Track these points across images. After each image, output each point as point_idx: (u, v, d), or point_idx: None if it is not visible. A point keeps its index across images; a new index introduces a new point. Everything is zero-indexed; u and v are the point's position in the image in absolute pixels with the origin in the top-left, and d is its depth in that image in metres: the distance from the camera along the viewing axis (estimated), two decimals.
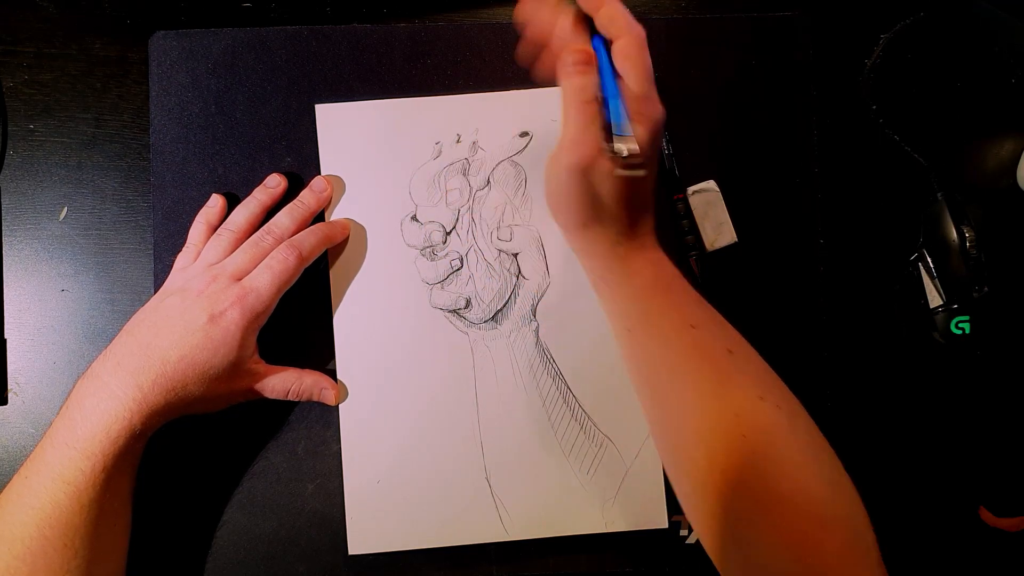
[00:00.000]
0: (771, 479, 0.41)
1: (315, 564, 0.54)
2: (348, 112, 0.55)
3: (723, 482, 0.42)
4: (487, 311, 0.55)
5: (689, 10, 0.58)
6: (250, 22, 0.56)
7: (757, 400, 0.43)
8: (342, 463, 0.54)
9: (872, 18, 0.58)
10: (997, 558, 0.57)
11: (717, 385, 0.44)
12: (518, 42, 0.48)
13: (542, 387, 0.55)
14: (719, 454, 0.42)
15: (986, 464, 0.57)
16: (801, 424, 0.44)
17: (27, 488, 0.45)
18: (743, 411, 0.43)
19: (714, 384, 0.44)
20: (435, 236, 0.55)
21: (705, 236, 0.55)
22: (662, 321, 0.46)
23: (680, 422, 0.45)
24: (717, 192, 0.55)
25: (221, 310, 0.48)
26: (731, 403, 0.43)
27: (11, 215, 0.55)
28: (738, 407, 0.43)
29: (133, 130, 0.56)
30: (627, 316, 0.48)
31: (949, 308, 0.54)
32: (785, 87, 0.57)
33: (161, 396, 0.47)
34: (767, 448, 0.42)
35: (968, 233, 0.54)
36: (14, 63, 0.56)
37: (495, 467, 0.55)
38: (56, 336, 0.55)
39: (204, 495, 0.54)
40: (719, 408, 0.43)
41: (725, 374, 0.44)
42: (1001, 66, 0.58)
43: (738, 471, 0.42)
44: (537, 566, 0.55)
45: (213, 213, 0.54)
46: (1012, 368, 0.57)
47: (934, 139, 0.57)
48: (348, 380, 0.55)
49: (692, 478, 0.44)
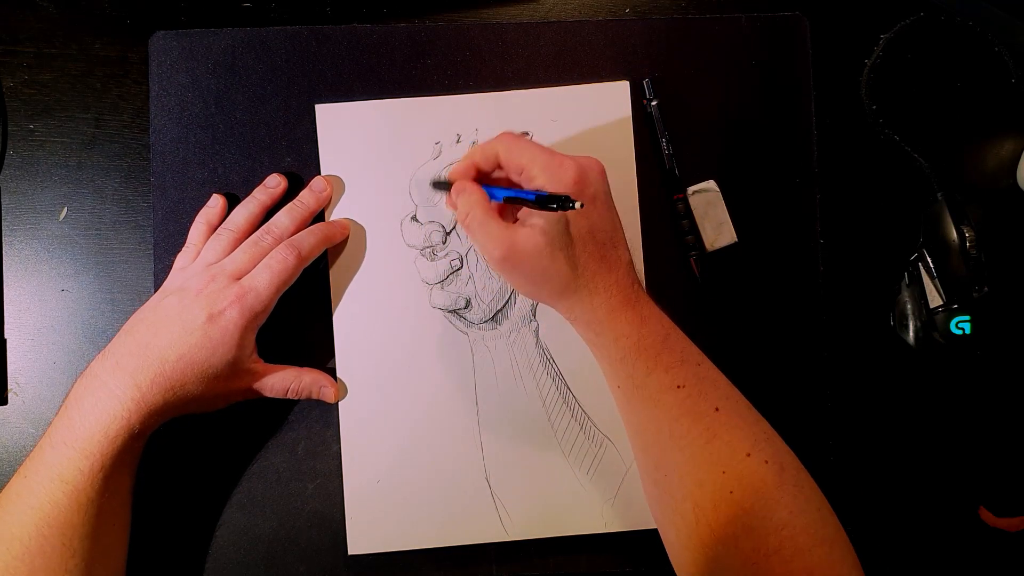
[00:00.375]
0: (759, 534, 0.42)
1: (315, 564, 0.54)
2: (348, 112, 0.55)
3: (711, 537, 0.43)
4: (487, 311, 0.55)
5: (689, 10, 0.58)
6: (250, 22, 0.56)
7: (744, 456, 0.44)
8: (342, 463, 0.54)
9: (872, 18, 0.58)
10: (997, 558, 0.57)
11: (704, 443, 0.45)
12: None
13: (542, 387, 0.55)
14: (707, 509, 0.44)
15: (986, 464, 0.57)
16: (790, 477, 0.45)
17: (26, 487, 0.45)
18: (730, 468, 0.44)
19: (701, 443, 0.45)
20: (435, 236, 0.55)
21: (705, 236, 0.55)
22: (648, 382, 0.47)
23: (668, 477, 0.46)
24: (717, 192, 0.55)
25: (220, 309, 0.48)
26: (718, 460, 0.44)
27: (11, 215, 0.55)
28: (725, 464, 0.44)
29: (133, 130, 0.56)
30: (615, 376, 0.49)
31: (949, 308, 0.54)
32: (785, 87, 0.57)
33: (160, 395, 0.47)
34: (755, 503, 0.43)
35: (968, 233, 0.54)
36: (14, 63, 0.56)
37: (495, 467, 0.55)
38: (56, 336, 0.55)
39: (204, 495, 0.54)
40: (707, 465, 0.44)
41: (712, 432, 0.45)
42: (1001, 66, 0.58)
43: (726, 526, 0.43)
44: (537, 566, 0.55)
45: (213, 213, 0.54)
46: (1012, 368, 0.57)
47: (934, 139, 0.57)
48: (348, 380, 0.55)
49: (679, 530, 0.45)
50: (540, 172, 0.46)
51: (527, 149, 0.47)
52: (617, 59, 0.56)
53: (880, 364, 0.57)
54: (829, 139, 0.57)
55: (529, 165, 0.47)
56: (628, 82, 0.56)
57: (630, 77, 0.56)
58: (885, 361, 0.57)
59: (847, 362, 0.57)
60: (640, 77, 0.56)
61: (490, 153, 0.49)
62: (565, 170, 0.46)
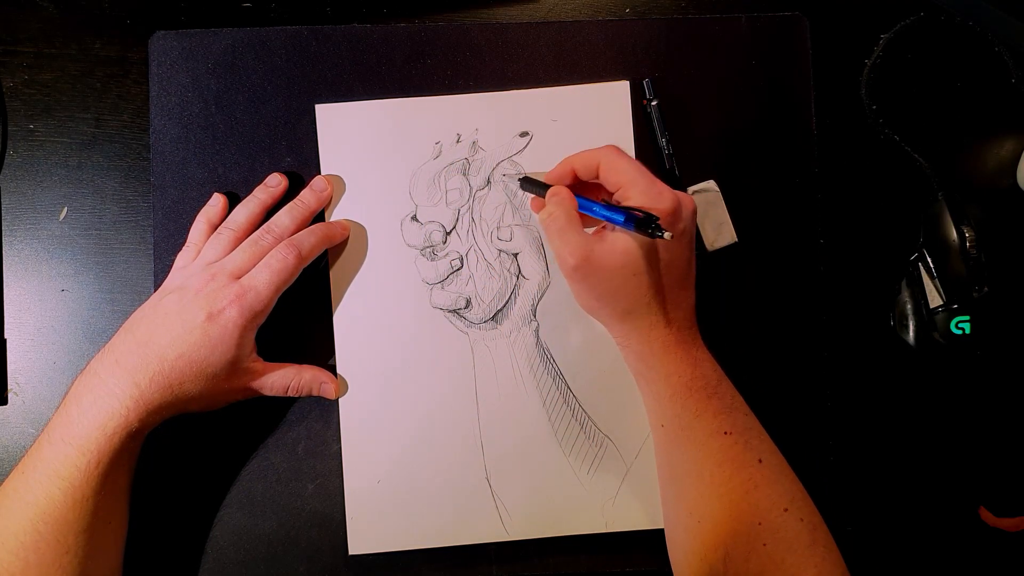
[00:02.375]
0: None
1: (315, 564, 0.54)
2: (348, 112, 0.55)
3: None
4: (487, 311, 0.55)
5: (689, 10, 0.58)
6: (250, 22, 0.56)
7: (781, 511, 0.45)
8: (342, 463, 0.54)
9: (872, 18, 0.58)
10: (997, 558, 0.57)
11: (744, 493, 0.45)
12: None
13: (542, 387, 0.55)
14: (737, 559, 0.44)
15: (986, 464, 0.57)
16: (821, 538, 0.45)
17: (23, 483, 0.45)
18: (767, 520, 0.44)
19: (741, 492, 0.45)
20: (435, 236, 0.55)
21: (705, 236, 0.55)
22: (696, 424, 0.47)
23: (702, 524, 0.46)
24: (717, 192, 0.55)
25: (219, 308, 0.48)
26: (756, 512, 0.45)
27: (11, 215, 0.55)
28: (763, 516, 0.44)
29: (133, 130, 0.56)
30: (662, 414, 0.49)
31: (949, 308, 0.54)
32: (785, 87, 0.57)
33: (158, 394, 0.47)
34: (786, 558, 0.43)
35: (968, 233, 0.54)
36: (14, 63, 0.56)
37: (495, 467, 0.55)
38: (56, 336, 0.55)
39: (204, 495, 0.54)
40: (745, 516, 0.45)
41: (752, 483, 0.45)
42: (1001, 66, 0.58)
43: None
44: (537, 566, 0.55)
45: (214, 212, 0.54)
46: (1012, 368, 0.57)
47: (934, 139, 0.57)
48: (349, 381, 0.55)
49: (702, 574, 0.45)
50: (638, 195, 0.46)
51: (629, 169, 0.47)
52: (617, 59, 0.56)
53: (880, 364, 0.57)
54: (829, 139, 0.57)
55: (628, 185, 0.47)
56: (628, 82, 0.56)
57: (630, 77, 0.56)
58: (885, 361, 0.57)
59: (847, 362, 0.57)
60: (640, 77, 0.56)
61: (592, 162, 0.48)
62: (663, 200, 0.46)
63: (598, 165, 0.48)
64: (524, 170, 0.56)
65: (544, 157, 0.55)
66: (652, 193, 0.46)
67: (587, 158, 0.49)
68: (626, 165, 0.48)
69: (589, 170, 0.49)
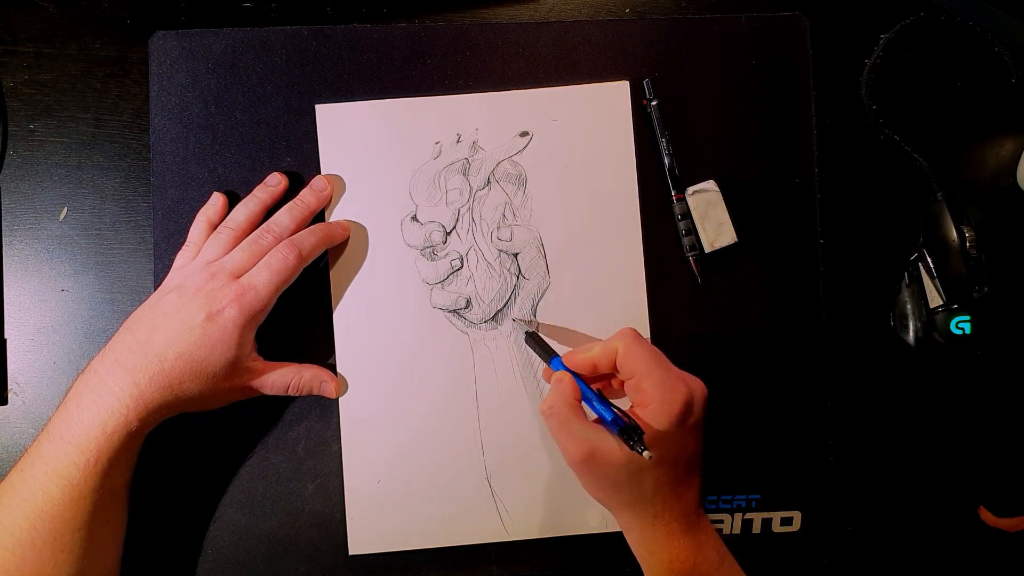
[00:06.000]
0: None
1: (315, 564, 0.54)
2: (348, 112, 0.55)
3: None
4: (487, 311, 0.55)
5: (689, 10, 0.58)
6: (250, 22, 0.56)
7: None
8: (342, 463, 0.54)
9: (872, 18, 0.58)
10: (997, 558, 0.57)
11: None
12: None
13: (542, 386, 0.55)
14: None
15: (986, 464, 0.57)
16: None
17: (21, 481, 0.45)
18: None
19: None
20: (435, 236, 0.55)
21: (705, 236, 0.55)
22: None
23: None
24: (717, 192, 0.55)
25: (219, 308, 0.48)
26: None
27: (11, 215, 0.55)
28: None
29: (133, 130, 0.56)
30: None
31: (949, 308, 0.54)
32: (785, 87, 0.57)
33: (158, 394, 0.47)
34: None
35: (968, 233, 0.54)
36: (14, 63, 0.56)
37: (495, 467, 0.55)
38: (56, 336, 0.55)
39: (204, 494, 0.54)
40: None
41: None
42: (1001, 66, 0.58)
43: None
44: (537, 566, 0.55)
45: (214, 211, 0.54)
46: (1012, 368, 0.57)
47: (934, 139, 0.57)
48: (349, 380, 0.55)
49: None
50: (651, 387, 0.46)
51: (645, 360, 0.46)
52: (617, 59, 0.56)
53: (880, 364, 0.57)
54: (829, 139, 0.57)
55: (642, 378, 0.46)
56: (628, 82, 0.56)
57: (630, 77, 0.56)
58: (885, 361, 0.57)
59: (847, 362, 0.57)
60: (640, 77, 0.56)
61: (612, 352, 0.47)
62: (676, 395, 0.45)
63: (616, 351, 0.47)
64: (524, 170, 0.56)
65: (544, 157, 0.56)
66: (666, 387, 0.45)
67: (608, 348, 0.47)
68: (643, 354, 0.46)
69: (609, 361, 0.48)
